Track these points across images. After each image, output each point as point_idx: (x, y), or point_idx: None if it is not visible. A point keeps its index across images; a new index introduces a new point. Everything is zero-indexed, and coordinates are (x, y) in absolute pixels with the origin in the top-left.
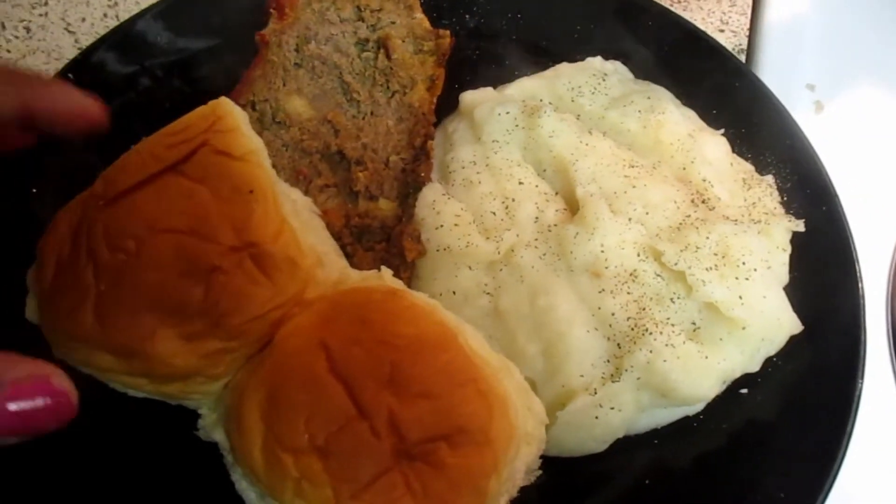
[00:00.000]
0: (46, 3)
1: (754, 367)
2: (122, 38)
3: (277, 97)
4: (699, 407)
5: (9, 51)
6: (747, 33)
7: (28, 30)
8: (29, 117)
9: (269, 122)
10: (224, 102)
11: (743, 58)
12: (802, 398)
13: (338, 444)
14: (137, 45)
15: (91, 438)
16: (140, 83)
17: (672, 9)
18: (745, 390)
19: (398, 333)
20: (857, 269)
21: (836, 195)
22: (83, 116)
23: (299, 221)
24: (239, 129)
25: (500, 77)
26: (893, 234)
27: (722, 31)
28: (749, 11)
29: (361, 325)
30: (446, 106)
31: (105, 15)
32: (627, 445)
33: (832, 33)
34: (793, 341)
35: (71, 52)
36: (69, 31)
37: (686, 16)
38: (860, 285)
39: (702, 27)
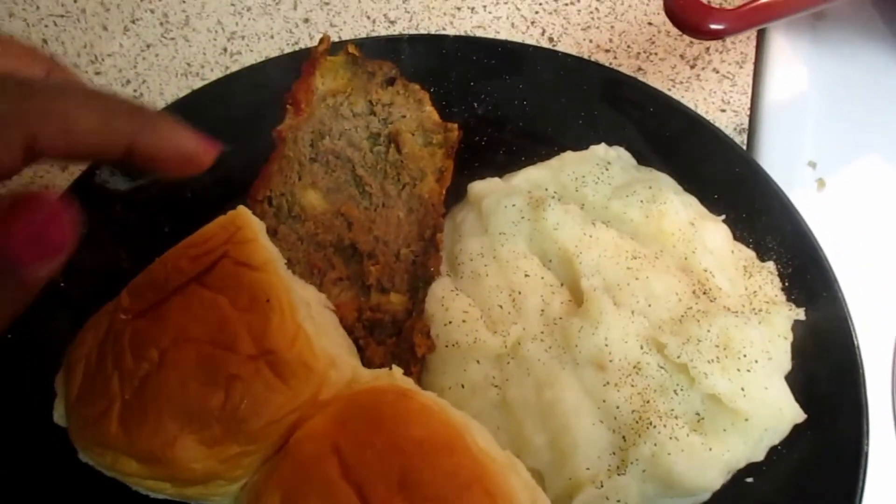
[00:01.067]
0: None
1: (759, 456)
2: None
3: (293, 191)
4: (706, 496)
5: None
6: (748, 112)
7: None
8: (129, 155)
9: (286, 216)
10: (242, 213)
11: (744, 136)
12: (808, 486)
13: None
14: None
15: None
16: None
17: (674, 90)
18: (750, 479)
19: (407, 437)
20: (859, 356)
21: (836, 281)
22: (191, 162)
23: (314, 325)
24: (257, 239)
25: (506, 163)
26: None
27: (723, 110)
28: (749, 91)
29: (372, 428)
30: (455, 191)
31: None
32: None
33: (833, 109)
34: (797, 429)
35: None
36: None
37: (688, 96)
38: (862, 371)
39: (703, 107)
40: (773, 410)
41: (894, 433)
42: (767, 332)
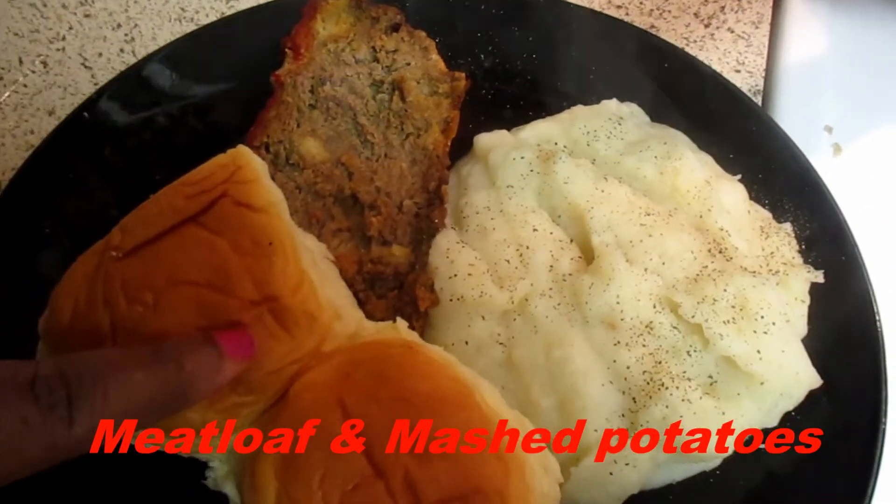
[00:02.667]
0: (64, 39)
1: (773, 421)
2: (138, 77)
3: (292, 139)
4: (716, 462)
5: (25, 85)
6: (763, 74)
7: (45, 64)
8: None
9: (283, 163)
10: (243, 152)
11: (759, 99)
12: (822, 454)
13: (353, 503)
14: (153, 85)
15: (100, 485)
16: (155, 123)
17: (688, 48)
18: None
19: (415, 390)
20: (878, 321)
21: (855, 244)
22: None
23: (317, 273)
24: (259, 180)
25: (514, 118)
26: None
27: (738, 71)
28: (765, 52)
29: (378, 381)
30: (460, 146)
31: (121, 51)
32: (642, 501)
33: (851, 74)
34: (812, 396)
35: (88, 88)
36: (86, 67)
37: (702, 56)
38: (881, 337)
39: (717, 67)
40: (789, 375)
41: None
42: (785, 295)
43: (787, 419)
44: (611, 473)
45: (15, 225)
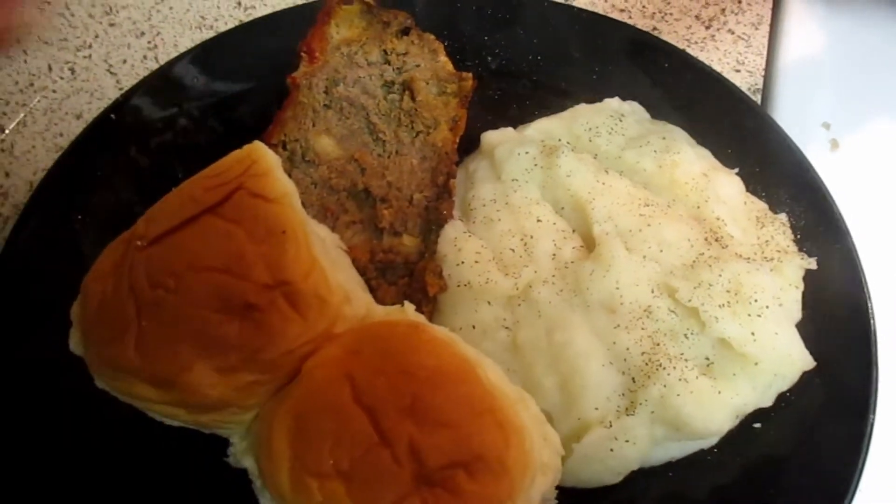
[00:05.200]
0: (90, 47)
1: (767, 402)
2: (161, 80)
3: (307, 137)
4: (713, 440)
5: (54, 91)
6: (763, 73)
7: (73, 71)
8: None
9: (299, 160)
10: (258, 147)
11: (759, 97)
12: (815, 433)
13: (361, 469)
14: (175, 88)
15: (128, 463)
16: (178, 124)
17: (689, 50)
18: (758, 425)
19: (420, 365)
20: (870, 307)
21: (848, 233)
22: None
23: (328, 259)
24: (272, 172)
25: (520, 117)
26: None
27: (738, 70)
28: (765, 52)
29: (385, 356)
30: (468, 144)
31: (145, 57)
32: (642, 477)
33: (848, 72)
34: (806, 377)
35: (113, 93)
36: (111, 73)
37: (702, 56)
38: (872, 322)
39: (718, 67)
40: (782, 356)
41: None
42: (779, 281)
43: (782, 399)
44: (611, 450)
45: (46, 221)
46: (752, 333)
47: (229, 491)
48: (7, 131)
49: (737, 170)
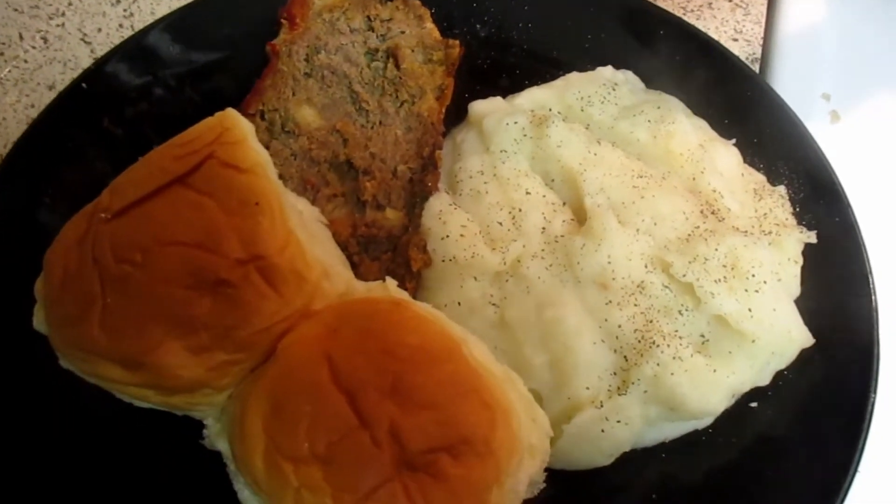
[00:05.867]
0: (63, 14)
1: (764, 380)
2: (136, 48)
3: (287, 107)
4: (708, 421)
5: (26, 60)
6: (761, 42)
7: (45, 40)
8: None
9: (279, 131)
10: (230, 114)
11: (757, 67)
12: (814, 412)
13: (338, 453)
14: (150, 56)
15: (97, 448)
16: (153, 93)
17: (685, 18)
18: (754, 404)
19: (402, 343)
20: (871, 282)
21: (849, 206)
22: None
23: (306, 233)
24: (245, 141)
25: (509, 86)
26: None
27: (735, 39)
28: (763, 20)
29: (365, 335)
30: (455, 115)
31: (120, 26)
32: (634, 459)
33: (849, 42)
34: (804, 355)
35: (87, 62)
36: (85, 42)
37: (699, 25)
38: (874, 298)
39: (715, 36)
40: (781, 333)
41: None
42: (777, 255)
43: (780, 378)
44: (602, 431)
45: (15, 195)
46: (750, 310)
47: (206, 474)
48: None
49: (734, 141)
